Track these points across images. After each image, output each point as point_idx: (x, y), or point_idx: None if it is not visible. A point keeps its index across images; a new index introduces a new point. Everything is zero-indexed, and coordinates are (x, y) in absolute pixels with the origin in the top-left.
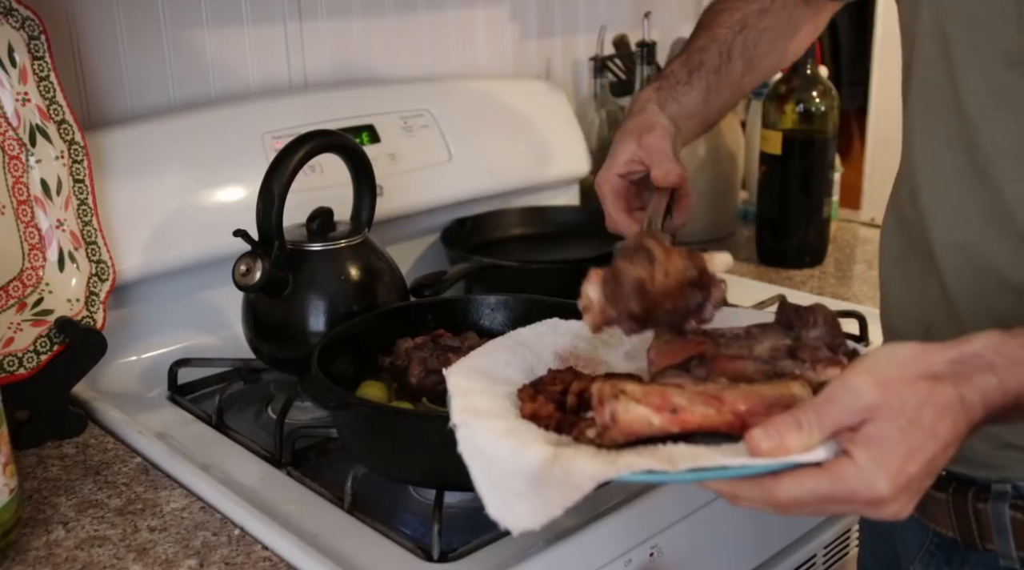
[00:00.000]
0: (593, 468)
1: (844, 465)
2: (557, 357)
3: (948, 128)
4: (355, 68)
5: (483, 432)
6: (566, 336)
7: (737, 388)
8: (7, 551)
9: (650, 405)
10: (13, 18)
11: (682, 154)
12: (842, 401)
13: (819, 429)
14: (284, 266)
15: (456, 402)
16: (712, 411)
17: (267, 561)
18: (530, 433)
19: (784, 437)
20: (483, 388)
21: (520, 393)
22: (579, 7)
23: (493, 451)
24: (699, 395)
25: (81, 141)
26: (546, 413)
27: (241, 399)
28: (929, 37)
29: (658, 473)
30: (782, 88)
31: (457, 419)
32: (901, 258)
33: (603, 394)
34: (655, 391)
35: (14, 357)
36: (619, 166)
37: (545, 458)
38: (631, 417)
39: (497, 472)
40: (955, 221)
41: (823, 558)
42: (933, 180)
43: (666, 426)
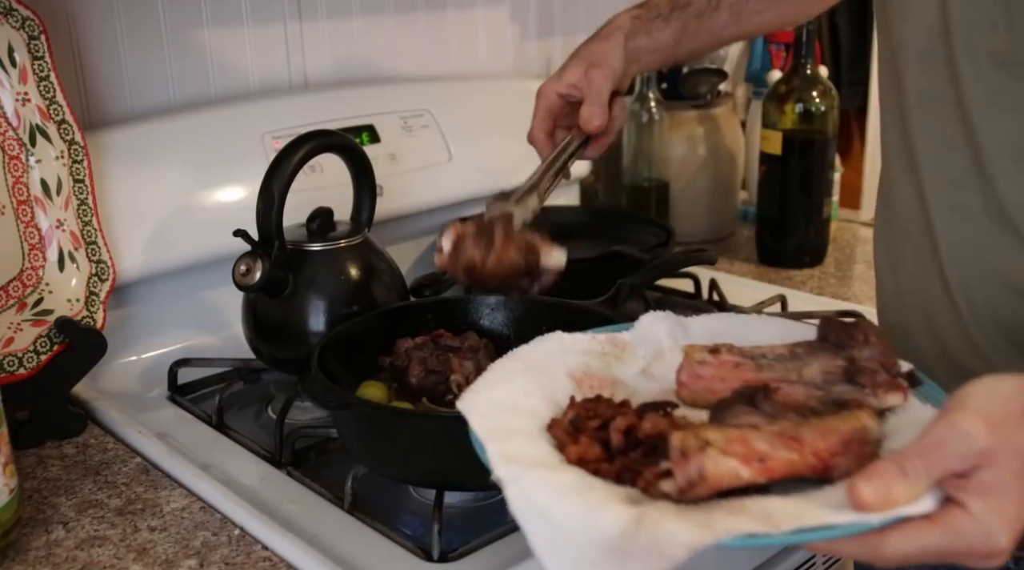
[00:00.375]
0: (687, 534)
1: (958, 517)
2: (572, 379)
3: (950, 127)
4: (355, 68)
5: (542, 490)
6: (576, 354)
7: (810, 425)
8: (7, 551)
9: (737, 456)
10: (13, 18)
11: (682, 154)
12: (953, 446)
13: (927, 476)
14: (284, 266)
15: (492, 449)
16: (795, 456)
17: (267, 561)
18: (596, 488)
19: (891, 488)
20: (511, 426)
21: (552, 430)
22: (579, 7)
23: (560, 513)
24: (778, 437)
25: (81, 141)
26: (593, 456)
27: (241, 399)
28: (932, 37)
29: (760, 536)
30: (782, 88)
31: (503, 473)
32: (898, 253)
33: (688, 447)
34: (736, 438)
35: (14, 357)
36: (561, 85)
37: (627, 523)
38: (721, 472)
39: (565, 537)
40: (958, 218)
41: (823, 558)
42: (937, 178)
43: (754, 478)
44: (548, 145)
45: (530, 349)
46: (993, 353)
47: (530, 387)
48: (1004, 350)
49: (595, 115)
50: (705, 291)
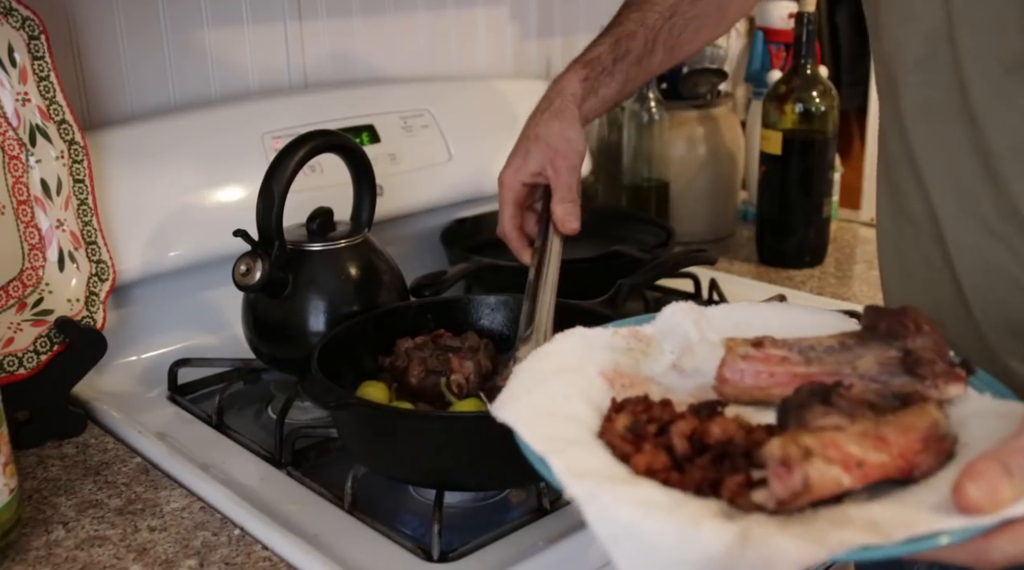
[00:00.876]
0: (797, 550)
1: None
2: (604, 378)
3: (958, 131)
4: (355, 68)
5: (626, 507)
6: (602, 351)
7: (888, 423)
8: (7, 551)
9: (838, 463)
10: (13, 18)
11: (682, 154)
12: None
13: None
14: (284, 266)
15: (557, 464)
16: (886, 458)
17: (267, 561)
18: (684, 503)
19: (997, 489)
20: (562, 435)
21: (607, 436)
22: (579, 7)
23: (651, 532)
24: (866, 438)
25: (81, 141)
26: (661, 465)
27: (241, 399)
28: (935, 42)
29: (873, 548)
30: (782, 88)
31: (578, 491)
32: (907, 259)
33: (791, 456)
34: (829, 442)
35: (14, 357)
36: (525, 175)
37: (731, 540)
38: (825, 481)
39: (659, 557)
40: (968, 220)
41: None
42: (944, 181)
43: (854, 485)
44: (522, 240)
45: (555, 348)
46: (1007, 356)
47: (567, 389)
48: (1018, 353)
49: (571, 215)
50: (705, 291)
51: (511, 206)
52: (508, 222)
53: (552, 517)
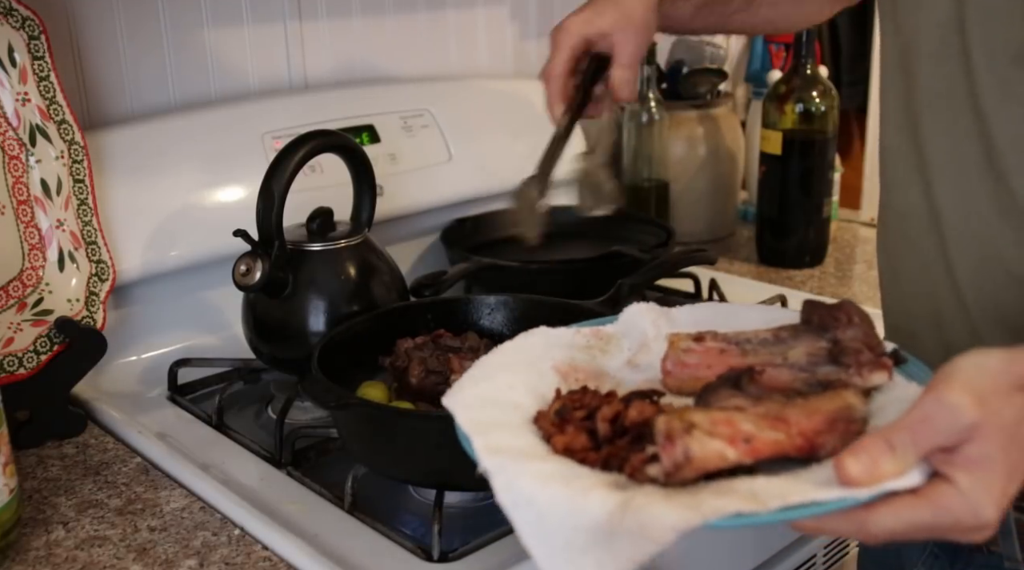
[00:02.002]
0: (674, 516)
1: (945, 492)
2: (557, 372)
3: (963, 121)
4: (355, 68)
5: (527, 478)
6: (561, 348)
7: (795, 405)
8: (7, 551)
9: (723, 437)
10: (13, 18)
11: (682, 154)
12: (940, 420)
13: (914, 451)
14: (284, 266)
15: (477, 441)
16: (781, 436)
17: (267, 561)
18: (582, 475)
19: (877, 463)
20: (497, 419)
21: (539, 422)
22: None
23: (545, 500)
24: (764, 419)
25: (81, 141)
26: (580, 445)
27: (241, 399)
28: (945, 31)
29: (747, 516)
30: (782, 88)
31: (489, 464)
32: (905, 253)
33: (673, 429)
34: (722, 419)
35: (14, 357)
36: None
37: (613, 507)
38: (707, 454)
39: (551, 524)
40: (968, 213)
41: (823, 558)
42: (948, 174)
43: (740, 458)
44: (565, 88)
45: (514, 345)
46: None
47: (514, 381)
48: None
49: (628, 82)
50: (705, 291)
51: (566, 51)
52: (560, 65)
53: None
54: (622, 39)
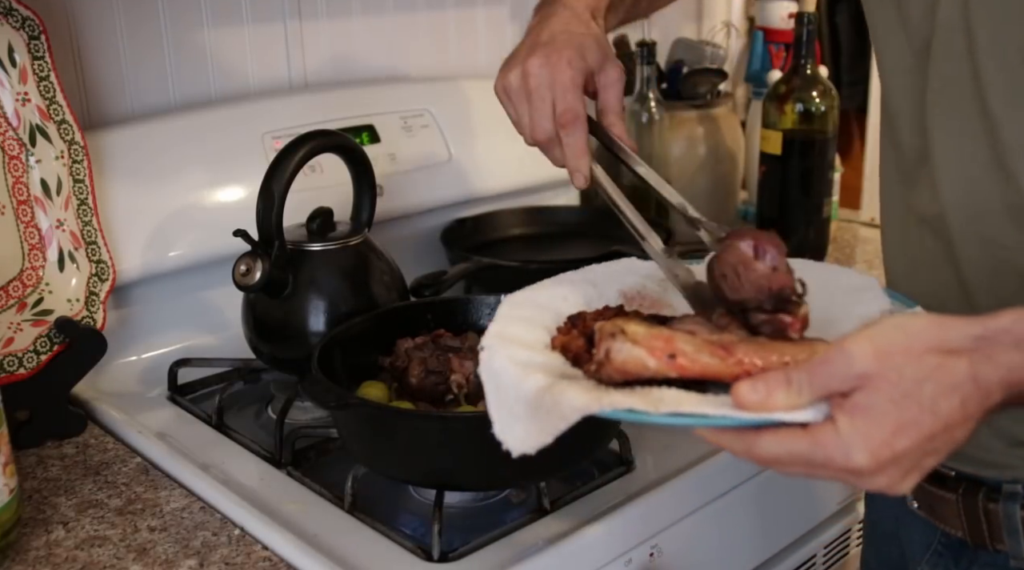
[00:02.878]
0: (581, 401)
1: (825, 430)
2: (622, 296)
3: (971, 122)
4: (355, 68)
5: (500, 358)
6: (636, 275)
7: (754, 341)
8: (7, 551)
9: (647, 348)
10: (13, 18)
11: (682, 154)
12: (835, 365)
13: (809, 390)
14: (284, 266)
15: (491, 328)
16: (716, 361)
17: (267, 561)
18: (543, 366)
19: (771, 394)
20: (529, 316)
21: (562, 326)
22: None
23: (502, 376)
24: (707, 344)
25: (81, 141)
26: (575, 347)
27: (241, 399)
28: (953, 33)
29: (639, 413)
30: (782, 88)
31: (485, 341)
32: (913, 255)
33: (603, 331)
34: (661, 335)
35: (14, 357)
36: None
37: (541, 387)
38: (624, 357)
39: (503, 396)
40: (976, 214)
41: (823, 558)
42: (956, 176)
43: (663, 370)
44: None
45: (597, 267)
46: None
47: (570, 294)
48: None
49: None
50: None
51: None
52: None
53: (552, 517)
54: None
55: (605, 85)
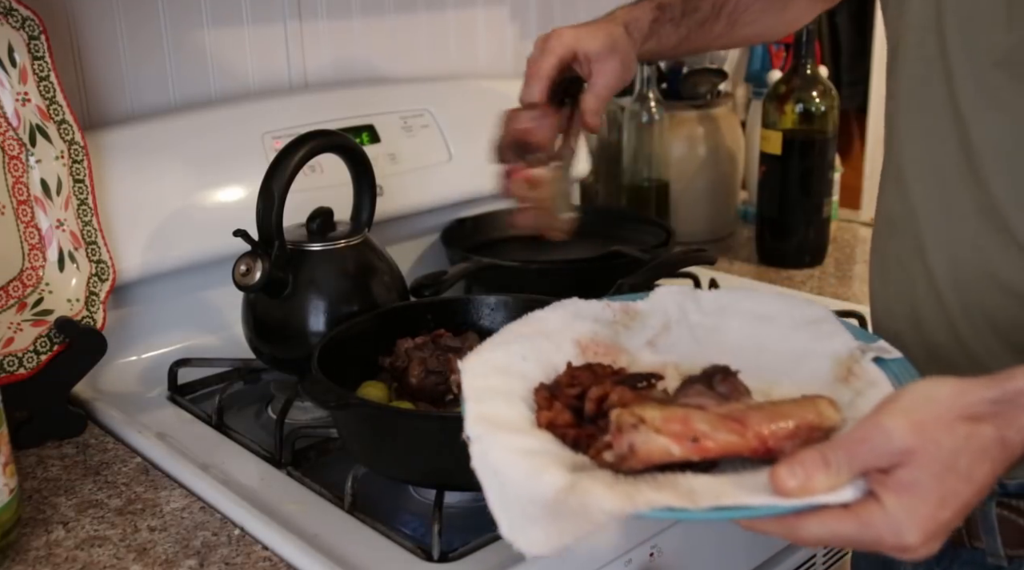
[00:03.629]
0: (610, 502)
1: (872, 510)
2: (577, 345)
3: (941, 124)
4: (355, 68)
5: (497, 450)
6: (586, 320)
7: (762, 408)
8: (7, 551)
9: (670, 434)
10: (13, 18)
11: (682, 154)
12: (874, 442)
13: (848, 469)
14: (284, 266)
15: (471, 409)
16: (735, 438)
17: (267, 561)
18: (547, 453)
19: (811, 476)
20: (499, 388)
21: (536, 395)
22: (579, 7)
23: (507, 473)
24: (722, 419)
25: (81, 141)
26: (563, 422)
27: (241, 399)
28: (924, 33)
29: (678, 510)
30: (782, 88)
31: (471, 432)
32: (886, 254)
33: (622, 423)
34: (676, 417)
35: (14, 357)
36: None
37: (561, 487)
38: (650, 448)
39: (511, 494)
40: (946, 217)
41: (823, 558)
42: (925, 176)
43: (687, 455)
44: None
45: (542, 315)
46: (986, 355)
47: (528, 352)
48: (998, 352)
49: (597, 111)
50: None
51: (556, 56)
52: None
53: None
54: (601, 68)
55: (598, 71)
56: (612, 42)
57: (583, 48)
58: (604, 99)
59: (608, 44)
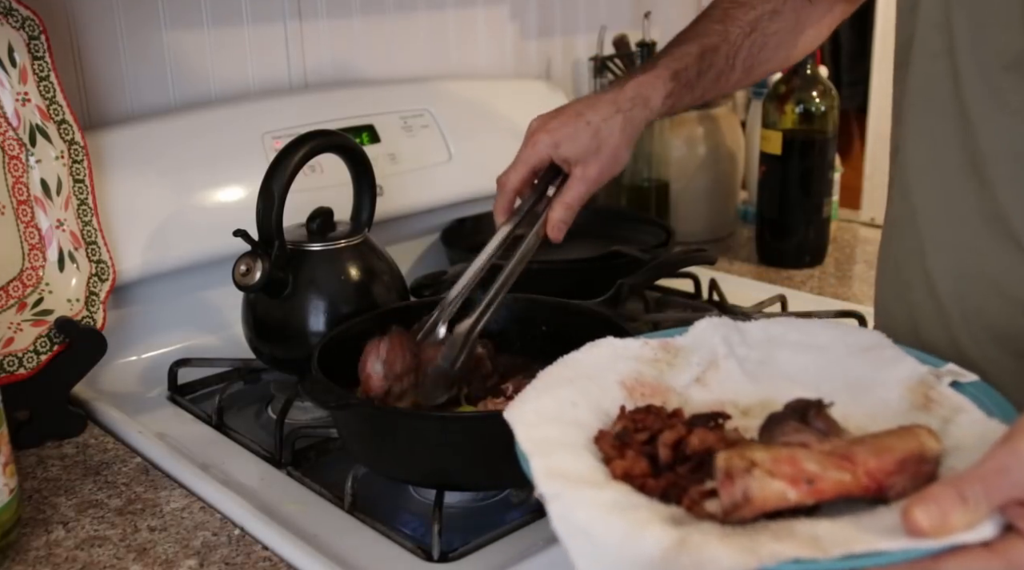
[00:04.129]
0: (730, 558)
1: (1015, 546)
2: (622, 387)
3: (947, 126)
4: (355, 68)
5: (585, 508)
6: (627, 360)
7: (864, 443)
8: (7, 551)
9: (784, 478)
10: (13, 18)
11: (682, 155)
12: (1016, 473)
13: (987, 504)
14: (284, 266)
15: (536, 463)
16: (847, 477)
17: (267, 561)
18: (639, 507)
19: (948, 515)
20: (558, 439)
21: (600, 442)
22: (579, 7)
23: (601, 533)
24: (829, 457)
25: (81, 141)
26: (639, 471)
27: (241, 399)
28: (933, 30)
29: (806, 562)
30: (782, 88)
31: (546, 489)
32: (887, 255)
33: (733, 468)
34: (784, 458)
35: (14, 357)
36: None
37: (669, 545)
38: (767, 495)
39: (606, 557)
40: (948, 221)
41: None
42: (927, 178)
43: (802, 499)
44: (512, 199)
45: (580, 357)
46: (983, 361)
47: (577, 398)
48: (997, 359)
49: (564, 224)
50: (705, 291)
51: (527, 166)
52: (516, 181)
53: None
54: (581, 173)
55: (576, 176)
56: (597, 142)
57: (561, 155)
58: (574, 209)
59: (591, 146)
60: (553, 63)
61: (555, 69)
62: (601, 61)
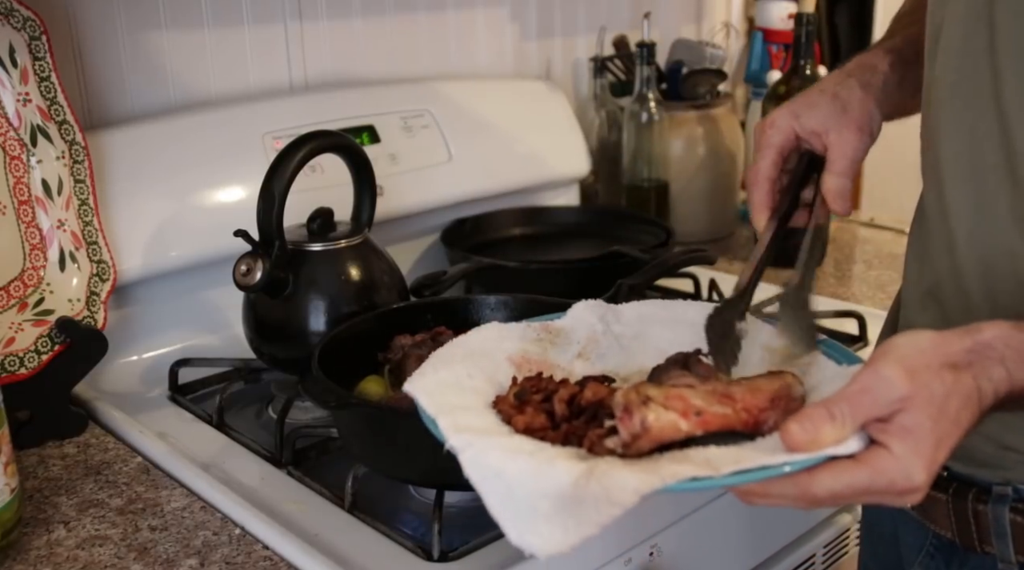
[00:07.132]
0: (637, 480)
1: (880, 457)
2: (511, 363)
3: (983, 122)
4: (355, 68)
5: (494, 452)
6: (512, 340)
7: (740, 384)
8: (8, 550)
9: (676, 410)
10: (14, 19)
11: (682, 155)
12: (876, 392)
13: (852, 420)
14: (284, 266)
15: (443, 421)
16: (728, 411)
17: (267, 561)
18: (545, 449)
19: (819, 430)
20: (459, 402)
21: (498, 405)
22: (579, 7)
23: (512, 471)
24: (712, 395)
25: (82, 141)
26: (539, 424)
27: (241, 399)
28: (971, 24)
29: (703, 479)
30: (782, 88)
31: (456, 441)
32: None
33: (631, 402)
34: (674, 395)
35: (15, 357)
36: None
37: (578, 474)
38: (663, 424)
39: (519, 494)
40: (981, 219)
41: (822, 558)
42: (961, 173)
43: (692, 430)
44: (771, 194)
45: (468, 338)
46: None
47: (472, 370)
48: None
49: (843, 192)
50: (705, 291)
51: (773, 150)
52: (765, 169)
53: None
54: (837, 139)
55: (833, 144)
56: (840, 104)
57: (804, 127)
58: (848, 176)
59: (834, 111)
60: (553, 63)
61: (555, 69)
62: (601, 61)
